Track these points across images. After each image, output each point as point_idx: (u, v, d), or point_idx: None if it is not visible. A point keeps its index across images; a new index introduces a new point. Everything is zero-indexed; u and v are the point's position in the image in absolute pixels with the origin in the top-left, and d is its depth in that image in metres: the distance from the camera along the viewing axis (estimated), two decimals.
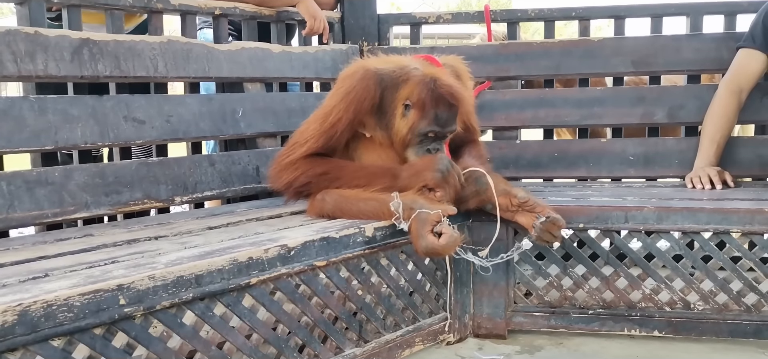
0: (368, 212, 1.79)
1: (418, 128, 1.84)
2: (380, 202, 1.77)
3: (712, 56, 2.60)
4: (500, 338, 2.04)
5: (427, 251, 1.69)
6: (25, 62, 1.84)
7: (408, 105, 1.84)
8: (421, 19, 2.90)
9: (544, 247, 2.04)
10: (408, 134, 1.85)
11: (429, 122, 1.83)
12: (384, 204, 1.75)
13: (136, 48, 2.08)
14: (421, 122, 1.83)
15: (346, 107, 1.86)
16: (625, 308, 2.01)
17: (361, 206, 1.81)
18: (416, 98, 1.83)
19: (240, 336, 1.50)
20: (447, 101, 1.83)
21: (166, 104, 2.17)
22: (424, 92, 1.82)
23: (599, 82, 2.89)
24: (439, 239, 1.66)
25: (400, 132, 1.86)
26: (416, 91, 1.83)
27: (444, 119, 1.84)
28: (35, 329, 1.15)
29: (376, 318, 1.81)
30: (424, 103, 1.82)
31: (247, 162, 2.35)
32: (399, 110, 1.86)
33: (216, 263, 1.41)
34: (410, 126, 1.84)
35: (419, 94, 1.83)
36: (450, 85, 1.86)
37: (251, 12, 2.50)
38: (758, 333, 1.95)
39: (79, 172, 1.95)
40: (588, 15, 2.80)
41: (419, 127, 1.84)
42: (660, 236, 1.99)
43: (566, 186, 2.61)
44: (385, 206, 1.75)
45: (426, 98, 1.82)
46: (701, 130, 2.52)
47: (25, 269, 1.39)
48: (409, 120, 1.84)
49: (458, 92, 1.87)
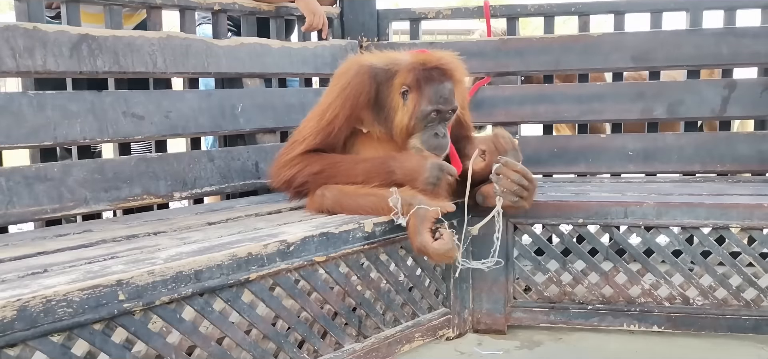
0: (367, 206, 1.79)
1: (420, 110, 1.82)
2: (379, 197, 1.77)
3: (711, 52, 2.60)
4: (500, 333, 2.04)
5: (421, 249, 1.69)
6: (24, 58, 1.83)
7: (405, 91, 1.84)
8: (420, 15, 2.89)
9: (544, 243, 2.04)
10: (411, 121, 1.83)
11: (429, 100, 1.81)
12: (383, 200, 1.76)
13: (135, 44, 2.07)
14: (422, 102, 1.82)
15: (343, 103, 1.87)
16: (625, 303, 2.01)
17: (360, 201, 1.81)
18: (411, 79, 1.83)
19: (239, 332, 1.50)
20: (441, 72, 1.82)
21: (165, 100, 2.16)
22: (417, 71, 1.82)
23: (599, 77, 2.89)
24: (434, 241, 1.66)
25: (401, 122, 1.85)
26: (409, 74, 1.83)
27: (444, 94, 1.82)
28: (34, 324, 1.15)
29: (376, 313, 1.81)
30: (419, 81, 1.81)
31: (246, 158, 2.35)
32: (397, 101, 1.85)
33: (215, 259, 1.41)
34: (412, 111, 1.83)
35: (414, 75, 1.82)
36: (440, 57, 1.86)
37: (250, 7, 2.50)
38: (757, 328, 1.95)
39: (78, 168, 1.94)
40: (587, 10, 2.79)
41: (421, 108, 1.82)
42: (659, 232, 1.99)
43: (566, 182, 2.61)
44: (384, 202, 1.75)
45: (420, 76, 1.81)
46: None
47: (24, 264, 1.39)
48: (410, 105, 1.83)
49: (450, 61, 1.87)
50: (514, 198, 1.78)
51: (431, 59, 1.85)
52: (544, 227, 2.08)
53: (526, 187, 1.78)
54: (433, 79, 1.82)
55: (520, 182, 1.77)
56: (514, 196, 1.78)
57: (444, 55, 1.88)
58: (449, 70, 1.85)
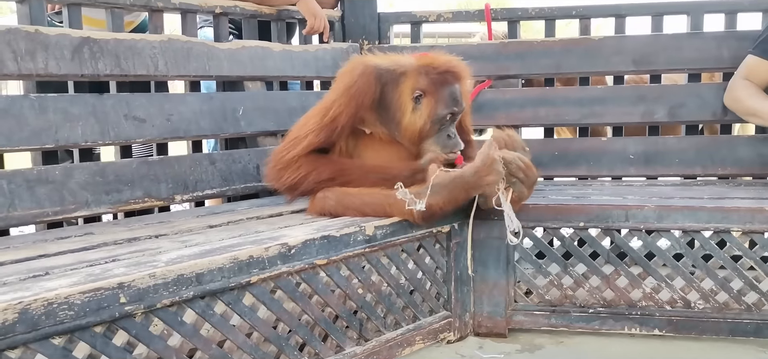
0: (374, 205, 1.79)
1: (436, 113, 1.85)
2: (386, 195, 1.78)
3: (712, 55, 2.60)
4: (501, 337, 2.04)
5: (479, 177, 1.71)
6: (26, 61, 1.84)
7: (419, 96, 1.84)
8: (421, 18, 2.90)
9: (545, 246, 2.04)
10: (426, 124, 1.85)
11: (445, 103, 1.85)
12: (390, 196, 1.76)
13: (136, 47, 2.08)
14: (439, 106, 1.84)
15: (347, 101, 1.86)
16: (626, 307, 2.01)
17: (366, 199, 1.81)
18: (425, 84, 1.84)
19: (240, 335, 1.50)
20: (453, 74, 1.86)
21: (166, 103, 2.17)
22: (431, 75, 1.84)
23: (600, 80, 2.89)
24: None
25: (413, 125, 1.86)
26: (422, 78, 1.84)
27: (457, 96, 1.87)
28: (36, 327, 1.15)
29: (377, 316, 1.81)
30: (435, 85, 1.83)
31: (247, 161, 2.35)
32: (407, 105, 1.85)
33: (216, 262, 1.41)
34: (428, 115, 1.85)
35: (428, 79, 1.84)
36: (448, 60, 1.89)
37: (252, 10, 2.50)
38: (758, 332, 1.95)
39: (80, 170, 1.95)
40: (588, 13, 2.80)
41: (437, 112, 1.85)
42: (660, 235, 1.99)
43: (567, 185, 2.61)
44: (391, 198, 1.76)
45: (436, 80, 1.84)
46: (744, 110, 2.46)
47: (26, 267, 1.39)
48: (425, 110, 1.85)
49: (457, 63, 1.90)
50: (519, 186, 1.79)
51: (441, 62, 1.87)
52: (545, 231, 2.08)
53: (529, 176, 1.80)
54: (448, 83, 1.86)
55: (526, 171, 1.79)
56: (519, 182, 1.79)
57: (451, 58, 1.90)
58: (459, 72, 1.89)
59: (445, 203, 1.76)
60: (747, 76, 2.46)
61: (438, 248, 1.96)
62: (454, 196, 1.76)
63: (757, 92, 2.43)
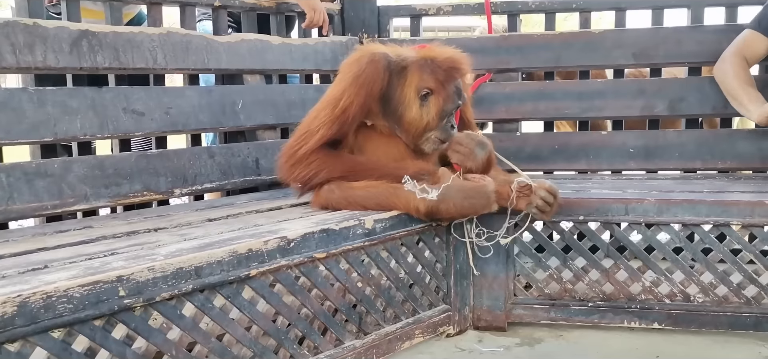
0: (380, 197, 1.80)
1: (443, 110, 1.87)
2: (393, 187, 1.78)
3: (713, 48, 2.59)
4: (500, 330, 2.04)
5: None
6: (24, 54, 1.83)
7: (426, 93, 1.84)
8: (421, 11, 2.89)
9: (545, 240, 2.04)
10: (433, 121, 1.87)
11: (451, 99, 1.87)
12: (398, 188, 1.78)
13: (135, 40, 2.07)
14: (446, 103, 1.86)
15: (357, 90, 1.83)
16: (625, 300, 2.01)
17: (372, 191, 1.81)
18: (432, 82, 1.84)
19: (239, 328, 1.49)
20: (456, 69, 1.88)
21: (165, 96, 2.16)
22: (437, 75, 1.84)
23: (600, 74, 2.89)
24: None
25: (419, 121, 1.86)
26: (428, 77, 1.84)
27: (460, 89, 1.91)
28: (35, 320, 1.15)
29: (376, 310, 1.81)
30: (442, 83, 1.84)
31: (246, 154, 2.35)
32: (411, 101, 1.85)
33: (216, 255, 1.41)
34: (436, 113, 1.86)
35: (434, 77, 1.84)
36: (451, 54, 1.90)
37: (251, 3, 2.50)
38: (758, 325, 1.95)
39: (79, 164, 1.94)
40: (589, 7, 2.79)
41: (445, 109, 1.87)
42: (660, 229, 1.99)
43: (567, 179, 2.60)
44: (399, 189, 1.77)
45: (442, 78, 1.85)
46: (726, 88, 2.49)
47: (25, 260, 1.39)
48: (433, 108, 1.85)
49: (460, 56, 1.92)
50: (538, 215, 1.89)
51: (445, 58, 1.87)
52: (544, 224, 2.07)
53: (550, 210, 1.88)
54: (452, 78, 1.87)
55: (547, 199, 1.86)
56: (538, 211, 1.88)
57: (452, 52, 1.91)
58: (462, 66, 1.90)
59: (457, 210, 1.81)
60: (742, 49, 2.47)
61: (437, 241, 1.96)
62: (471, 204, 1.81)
63: (744, 75, 2.44)
